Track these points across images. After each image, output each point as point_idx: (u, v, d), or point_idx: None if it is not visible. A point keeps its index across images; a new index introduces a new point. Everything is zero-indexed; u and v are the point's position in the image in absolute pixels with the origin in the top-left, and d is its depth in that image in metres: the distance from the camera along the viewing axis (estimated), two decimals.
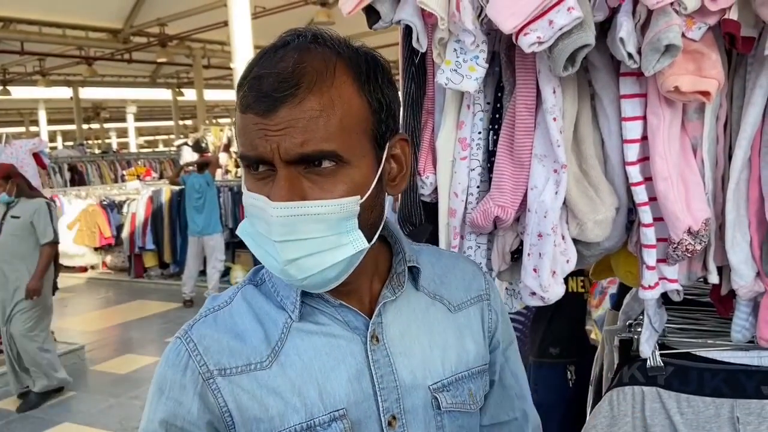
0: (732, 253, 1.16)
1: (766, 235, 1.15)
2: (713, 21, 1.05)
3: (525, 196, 1.23)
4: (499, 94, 1.28)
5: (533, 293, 1.25)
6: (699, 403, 1.33)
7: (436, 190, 1.33)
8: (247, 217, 0.83)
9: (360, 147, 0.79)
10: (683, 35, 1.04)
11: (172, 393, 0.83)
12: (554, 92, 1.16)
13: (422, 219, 1.35)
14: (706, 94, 1.07)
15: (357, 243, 0.80)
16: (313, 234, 0.77)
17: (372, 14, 1.18)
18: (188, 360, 0.83)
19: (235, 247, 9.25)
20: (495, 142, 1.28)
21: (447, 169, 1.30)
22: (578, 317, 2.45)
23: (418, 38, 1.17)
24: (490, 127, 1.29)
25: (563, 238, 1.24)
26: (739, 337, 1.25)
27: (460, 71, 1.16)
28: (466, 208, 1.30)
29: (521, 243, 1.31)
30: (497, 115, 1.28)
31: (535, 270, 1.23)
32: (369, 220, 0.82)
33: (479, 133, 1.28)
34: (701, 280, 1.30)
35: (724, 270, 1.23)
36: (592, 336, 2.54)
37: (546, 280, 1.21)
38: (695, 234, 1.14)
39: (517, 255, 1.34)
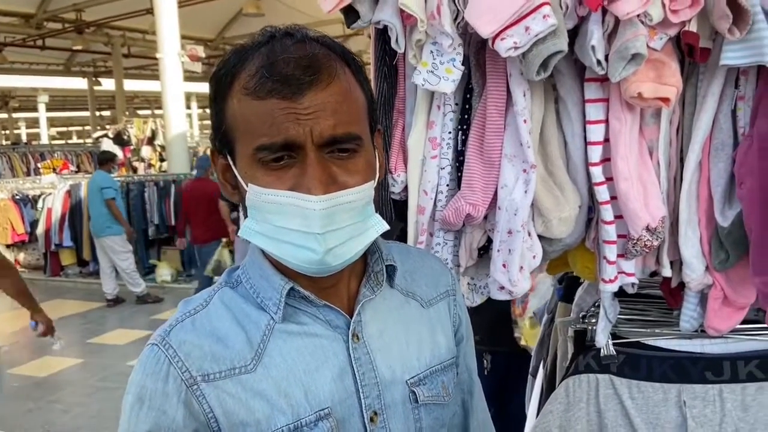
0: (684, 248, 1.25)
1: (713, 231, 1.25)
2: (674, 32, 1.12)
3: (495, 194, 1.28)
4: (468, 96, 1.32)
5: (502, 287, 1.30)
6: (648, 388, 1.42)
7: (406, 188, 1.36)
8: (254, 217, 0.82)
9: (366, 132, 0.84)
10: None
11: (154, 402, 0.81)
12: (524, 95, 1.21)
13: (392, 216, 1.38)
14: (665, 100, 1.14)
15: (378, 226, 0.85)
16: (347, 222, 0.80)
17: (351, 14, 1.20)
18: (169, 367, 0.82)
19: (161, 244, 8.98)
20: (463, 142, 1.32)
21: (417, 168, 1.33)
22: (502, 309, 2.54)
23: (396, 39, 1.19)
24: (459, 127, 1.33)
25: (530, 234, 1.29)
26: (688, 326, 1.35)
27: (437, 73, 1.19)
28: (435, 205, 1.34)
29: (488, 240, 1.35)
30: (466, 116, 1.32)
31: (504, 265, 1.27)
32: (375, 204, 0.86)
33: (449, 132, 1.32)
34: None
35: (674, 264, 1.33)
36: (522, 343, 2.61)
37: (515, 275, 1.26)
38: (653, 231, 1.22)
39: (483, 251, 1.39)
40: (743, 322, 1.34)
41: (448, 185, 1.32)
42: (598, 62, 1.12)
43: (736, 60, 1.09)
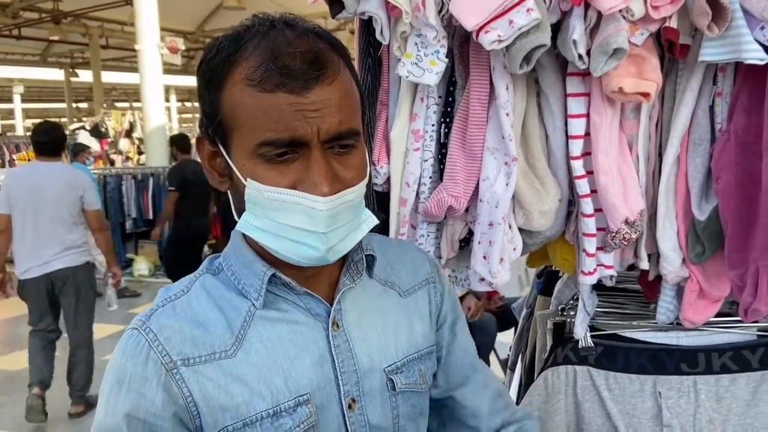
0: (662, 241, 1.27)
1: (690, 225, 1.27)
2: (654, 28, 1.14)
3: (476, 186, 1.29)
4: (451, 89, 1.33)
5: (482, 279, 1.31)
6: (625, 379, 1.45)
7: (388, 179, 1.37)
8: (253, 212, 0.82)
9: (361, 127, 0.85)
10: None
11: (133, 385, 0.81)
12: (507, 88, 1.22)
13: (374, 208, 1.38)
14: (645, 95, 1.16)
15: (370, 220, 0.87)
16: (347, 219, 0.82)
17: (335, 4, 1.19)
18: (149, 351, 0.82)
19: (137, 237, 8.88)
20: (446, 135, 1.33)
21: (400, 160, 1.34)
22: None
23: (381, 31, 1.19)
24: (442, 120, 1.34)
25: (510, 227, 1.30)
26: (664, 318, 1.37)
27: (421, 65, 1.20)
28: (417, 197, 1.35)
29: (469, 231, 1.37)
30: (449, 109, 1.33)
31: (485, 257, 1.29)
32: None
33: (432, 125, 1.33)
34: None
35: (651, 257, 1.35)
36: None
37: (495, 267, 1.28)
38: (632, 224, 1.24)
39: (464, 243, 1.40)
40: (717, 315, 1.37)
41: (430, 177, 1.33)
42: (580, 57, 1.13)
43: (715, 56, 1.11)
